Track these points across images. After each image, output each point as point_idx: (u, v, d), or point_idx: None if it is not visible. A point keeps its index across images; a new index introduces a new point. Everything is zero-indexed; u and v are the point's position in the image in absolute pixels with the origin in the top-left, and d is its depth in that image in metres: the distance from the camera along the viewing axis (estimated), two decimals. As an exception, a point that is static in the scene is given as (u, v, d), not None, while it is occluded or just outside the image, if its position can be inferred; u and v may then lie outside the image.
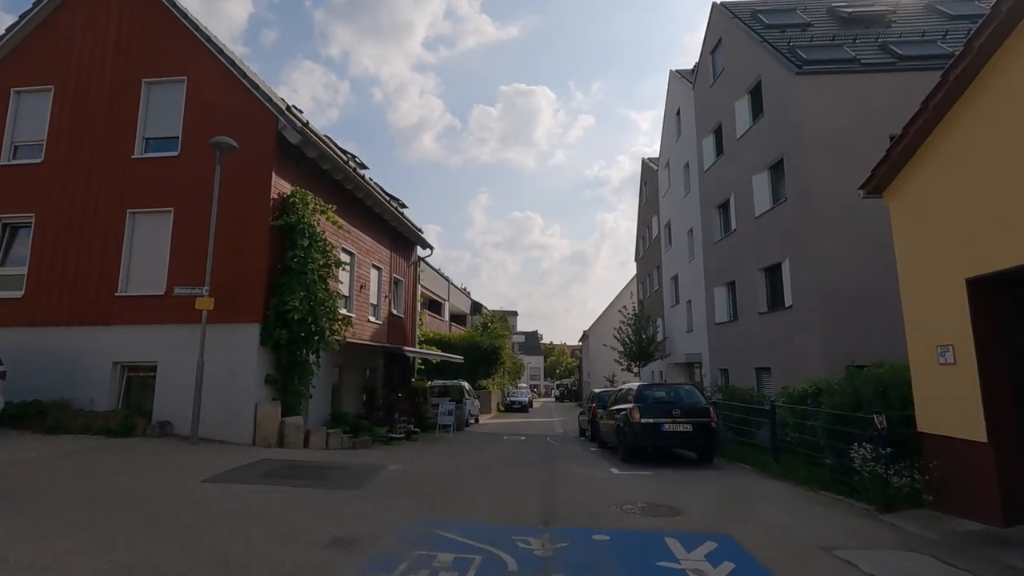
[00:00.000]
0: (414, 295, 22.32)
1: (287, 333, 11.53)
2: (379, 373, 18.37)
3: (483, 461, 11.26)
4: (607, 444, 13.90)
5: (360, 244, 16.71)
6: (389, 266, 19.35)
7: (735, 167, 19.73)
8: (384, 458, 10.82)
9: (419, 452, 12.75)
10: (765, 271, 17.76)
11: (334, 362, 14.99)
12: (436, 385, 24.22)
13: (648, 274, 35.45)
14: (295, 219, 12.00)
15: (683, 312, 26.34)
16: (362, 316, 16.77)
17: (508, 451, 13.85)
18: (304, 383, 12.21)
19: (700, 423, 10.76)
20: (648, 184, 35.89)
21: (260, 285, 11.63)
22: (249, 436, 11.19)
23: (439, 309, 42.09)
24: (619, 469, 10.28)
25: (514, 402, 39.90)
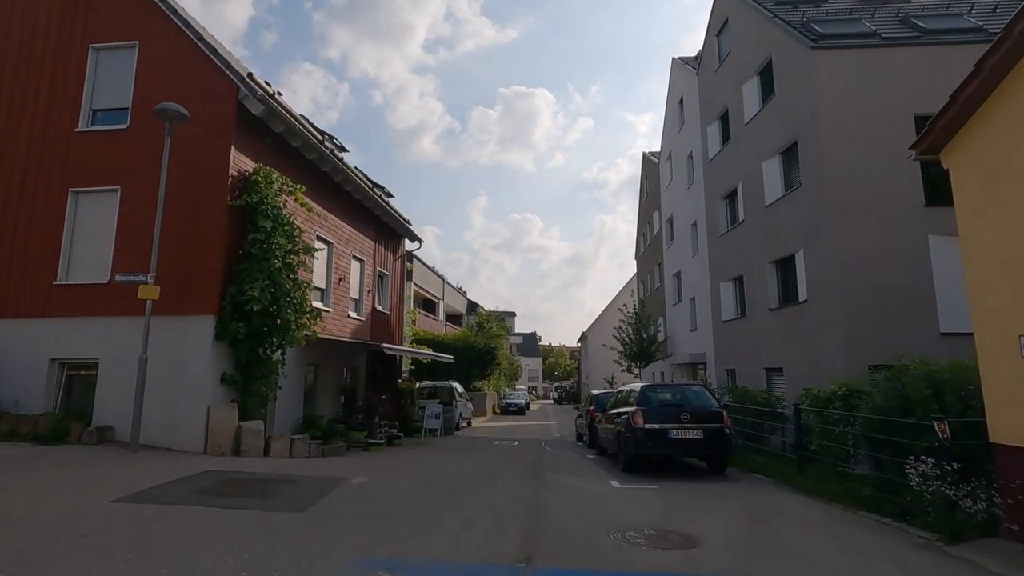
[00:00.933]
0: (401, 291, 21.03)
1: (245, 327, 10.24)
2: (360, 373, 17.06)
3: (465, 471, 9.95)
4: (606, 451, 12.60)
5: (338, 233, 15.41)
6: (373, 259, 18.05)
7: (743, 154, 18.46)
8: (351, 469, 9.51)
9: (395, 460, 11.43)
10: (776, 264, 16.47)
11: (308, 360, 13.69)
12: (425, 386, 22.91)
13: (649, 272, 34.17)
14: (257, 199, 10.71)
15: (686, 310, 25.06)
16: (341, 311, 15.47)
17: (496, 459, 12.54)
18: (267, 383, 10.91)
19: (712, 429, 9.46)
20: (649, 179, 34.64)
21: (216, 272, 10.33)
22: (200, 443, 9.88)
23: (433, 308, 40.79)
24: (619, 481, 8.97)
25: (510, 404, 38.56)
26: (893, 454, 6.23)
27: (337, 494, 7.07)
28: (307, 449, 10.88)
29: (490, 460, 12.22)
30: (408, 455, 12.79)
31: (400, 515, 6.07)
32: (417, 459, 11.99)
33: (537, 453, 14.00)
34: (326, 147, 13.67)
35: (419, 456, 12.65)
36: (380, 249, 18.68)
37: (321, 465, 9.72)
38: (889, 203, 13.29)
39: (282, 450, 10.46)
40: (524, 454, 13.81)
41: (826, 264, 13.66)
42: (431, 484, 8.22)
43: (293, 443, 10.66)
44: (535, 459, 12.52)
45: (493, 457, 12.93)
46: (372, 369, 17.99)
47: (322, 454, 11.28)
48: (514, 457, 13.03)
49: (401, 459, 11.80)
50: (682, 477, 9.62)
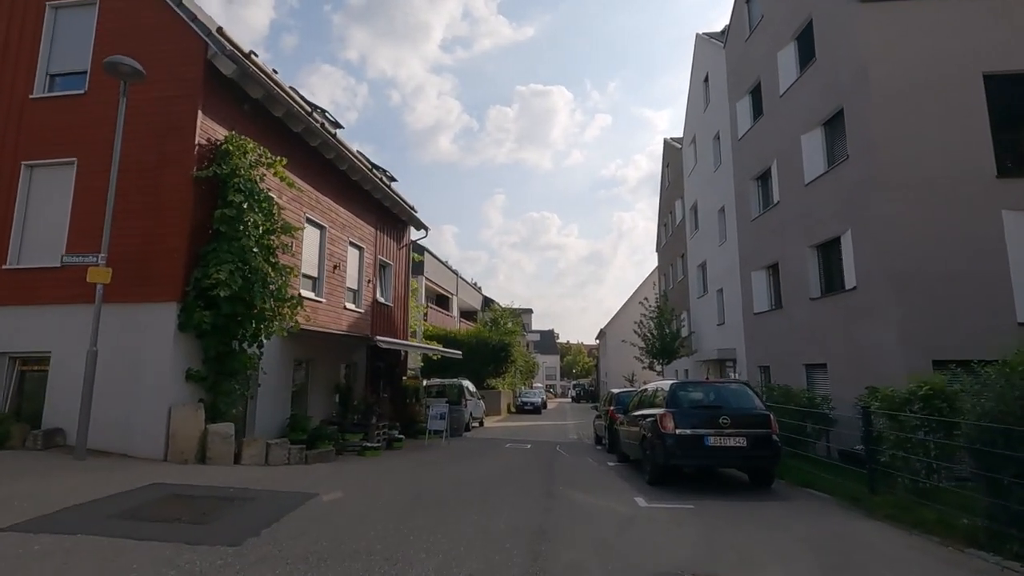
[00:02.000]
0: (406, 282, 19.70)
1: (212, 316, 8.94)
2: (359, 370, 15.75)
3: (465, 483, 8.52)
4: (628, 457, 11.08)
5: (332, 216, 14.10)
6: (374, 247, 16.74)
7: (778, 129, 16.74)
8: (331, 480, 8.15)
9: (388, 468, 10.06)
10: (818, 248, 14.76)
11: (297, 355, 12.41)
12: (433, 384, 21.57)
13: (671, 264, 32.41)
14: (228, 170, 9.40)
15: (712, 303, 23.34)
16: (336, 302, 14.17)
17: (503, 466, 11.11)
18: (242, 381, 9.61)
19: (758, 436, 7.89)
20: (671, 165, 32.86)
21: (179, 253, 9.05)
22: (160, 449, 8.62)
23: (447, 304, 39.56)
24: (646, 499, 7.46)
25: (526, 403, 37.06)
26: (1017, 474, 4.66)
27: (295, 517, 5.70)
28: (286, 455, 9.57)
29: (496, 468, 10.79)
30: (405, 461, 11.42)
31: (363, 551, 4.66)
32: (413, 466, 10.61)
33: (550, 459, 12.53)
34: (315, 120, 12.34)
35: (416, 462, 11.27)
36: (382, 236, 17.36)
37: (298, 475, 8.37)
38: (953, 174, 11.54)
39: (256, 457, 9.15)
40: (536, 460, 12.35)
41: (878, 246, 11.96)
42: (418, 502, 6.81)
43: (269, 448, 9.35)
44: (547, 466, 11.06)
45: (500, 464, 11.49)
46: (373, 366, 16.69)
47: (305, 460, 9.95)
48: (524, 464, 11.58)
49: (395, 466, 10.43)
50: (721, 493, 8.08)
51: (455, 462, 11.44)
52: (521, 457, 13.03)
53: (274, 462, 9.32)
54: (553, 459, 12.56)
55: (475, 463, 11.42)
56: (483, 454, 13.35)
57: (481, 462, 11.63)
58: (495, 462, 11.75)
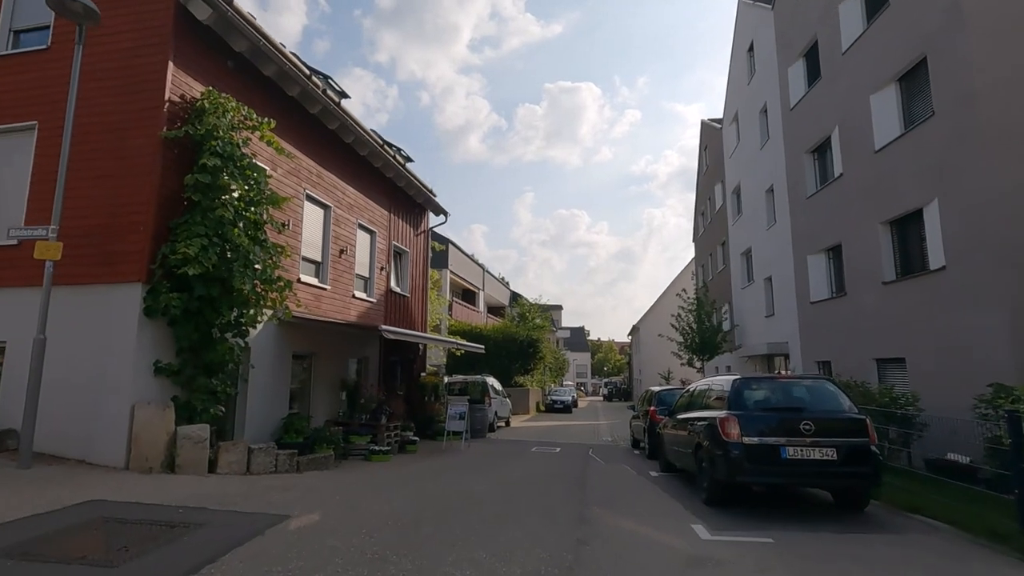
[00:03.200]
0: (425, 271, 18.30)
1: (182, 299, 7.62)
2: (370, 366, 14.40)
3: (476, 501, 6.98)
4: (674, 466, 9.39)
5: (338, 195, 12.75)
6: (387, 231, 15.37)
7: (839, 92, 14.70)
8: (311, 496, 6.71)
9: (389, 479, 8.59)
10: (892, 224, 12.73)
11: (298, 349, 11.09)
12: (455, 381, 20.14)
13: (710, 254, 30.28)
14: (203, 131, 8.07)
15: (759, 293, 21.27)
16: (343, 290, 12.83)
17: (527, 476, 9.54)
18: (223, 376, 8.28)
19: (852, 447, 6.12)
20: (709, 148, 30.70)
21: (146, 226, 7.76)
22: (121, 455, 7.34)
23: (473, 299, 38.23)
24: (708, 528, 5.79)
25: (556, 402, 35.38)
26: None
27: (241, 555, 4.25)
28: (272, 462, 8.20)
29: (518, 478, 9.22)
30: (413, 469, 9.97)
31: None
32: (421, 475, 9.13)
33: (582, 466, 10.90)
34: (314, 83, 10.98)
35: (426, 471, 9.79)
36: (396, 221, 15.98)
37: (277, 489, 6.97)
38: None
39: (235, 464, 7.81)
40: (566, 468, 10.74)
41: (975, 215, 9.95)
42: (411, 530, 5.29)
43: (252, 454, 8.00)
44: (578, 477, 9.44)
45: (523, 473, 9.92)
46: (387, 361, 15.33)
47: (296, 468, 8.57)
48: (552, 473, 9.99)
49: (400, 476, 8.96)
50: (802, 518, 6.33)
51: (471, 470, 9.93)
52: (549, 464, 11.43)
53: (257, 470, 7.97)
54: (586, 467, 10.93)
55: (494, 472, 9.88)
56: (505, 460, 11.80)
57: (501, 470, 10.09)
58: (518, 471, 10.19)
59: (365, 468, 9.68)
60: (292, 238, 10.91)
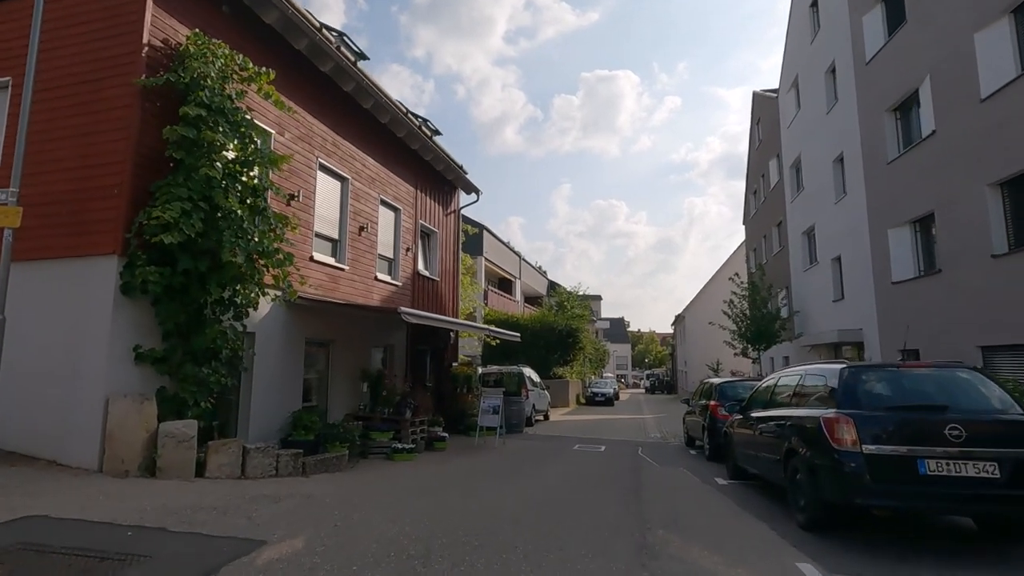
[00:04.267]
0: (456, 254, 17.02)
1: (163, 274, 6.50)
2: (396, 355, 13.23)
3: (507, 519, 5.62)
4: (746, 471, 7.81)
5: (356, 167, 11.56)
6: (414, 209, 14.13)
7: (930, 36, 12.58)
8: (303, 510, 5.48)
9: (407, 486, 7.33)
10: (1003, 186, 10.69)
11: (312, 335, 9.97)
12: (489, 372, 18.85)
13: (763, 236, 28.00)
14: (187, 79, 6.92)
15: (824, 275, 19.15)
16: (363, 271, 11.65)
17: (569, 482, 8.13)
18: (215, 364, 7.16)
19: (1018, 459, 4.46)
20: (762, 121, 28.34)
21: (122, 189, 6.67)
22: (94, 455, 6.30)
23: (509, 288, 36.94)
24: (819, 567, 4.25)
25: (597, 394, 33.75)
26: None
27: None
28: (272, 464, 7.04)
29: (559, 485, 7.81)
30: (438, 471, 8.70)
31: None
32: (445, 481, 7.84)
33: (633, 471, 9.41)
34: (325, 37, 9.75)
35: (451, 474, 8.51)
36: (423, 198, 14.73)
37: (267, 499, 5.78)
38: None
39: (228, 467, 6.68)
40: (614, 472, 9.28)
41: None
42: (418, 567, 3.97)
43: (248, 455, 6.86)
44: (632, 485, 7.96)
45: (565, 478, 8.51)
46: (415, 350, 14.14)
47: (301, 470, 7.40)
48: (597, 478, 8.54)
49: (420, 481, 7.69)
50: (941, 554, 4.72)
51: (504, 475, 8.58)
52: (594, 466, 9.99)
53: (254, 474, 6.82)
54: (637, 470, 9.44)
55: (531, 476, 8.50)
56: (543, 460, 10.42)
57: (540, 475, 8.70)
58: (558, 475, 8.79)
59: (383, 470, 8.47)
60: (303, 211, 9.77)
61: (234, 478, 6.65)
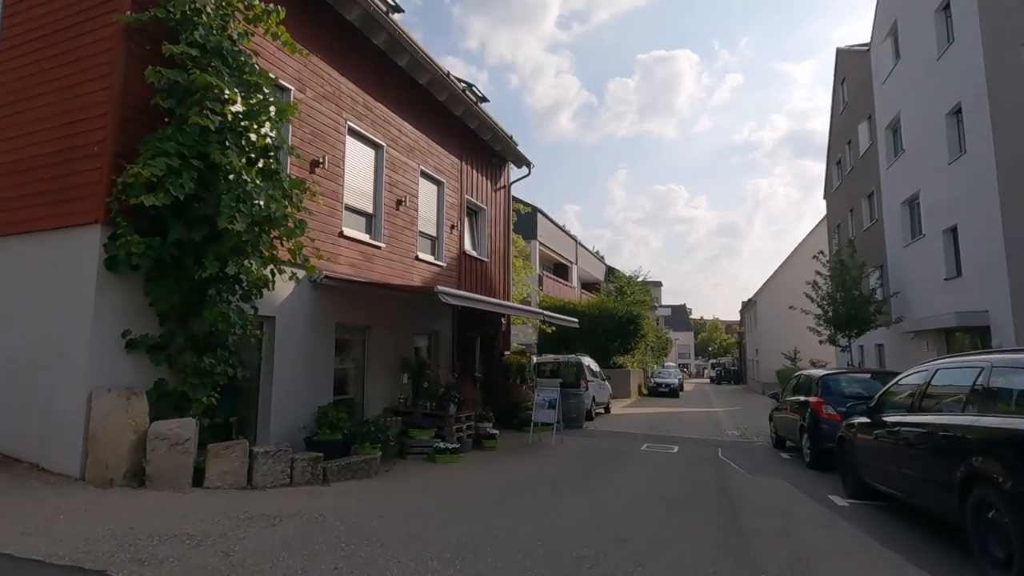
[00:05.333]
0: (506, 233, 15.64)
1: (148, 245, 5.44)
2: (441, 343, 12.03)
3: (565, 561, 4.19)
4: (874, 490, 6.04)
5: (392, 133, 10.34)
6: (458, 183, 12.84)
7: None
8: (298, 544, 4.26)
9: (440, 503, 6.04)
10: None
11: (343, 319, 8.89)
12: (545, 362, 17.44)
13: (850, 210, 25.03)
14: (178, 14, 5.81)
15: (933, 249, 16.46)
16: (402, 249, 10.48)
17: (641, 501, 6.61)
18: (221, 353, 6.10)
19: None
20: (848, 80, 25.26)
21: (103, 147, 5.66)
22: (76, 460, 5.35)
23: (565, 273, 35.38)
24: None
25: (660, 384, 31.65)
26: None
27: None
28: (286, 470, 5.92)
29: (629, 507, 6.31)
30: (485, 479, 7.39)
31: None
32: (492, 493, 6.52)
33: (720, 482, 7.77)
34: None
35: (500, 484, 7.18)
36: (469, 171, 13.41)
37: (268, 518, 4.62)
38: None
39: (232, 475, 5.59)
40: (696, 484, 7.67)
41: None
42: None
43: (256, 460, 5.75)
44: (724, 507, 6.35)
45: (636, 495, 6.98)
46: (462, 337, 12.92)
47: (322, 478, 6.26)
48: (678, 496, 6.96)
49: (457, 496, 6.39)
50: None
51: (562, 486, 7.15)
52: (669, 474, 8.40)
53: (262, 483, 5.72)
54: (724, 481, 7.79)
55: (594, 489, 7.04)
56: (608, 465, 8.91)
57: (604, 486, 7.22)
58: (628, 489, 7.28)
59: (420, 476, 7.23)
60: (330, 180, 8.64)
61: (238, 488, 5.57)
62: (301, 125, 8.08)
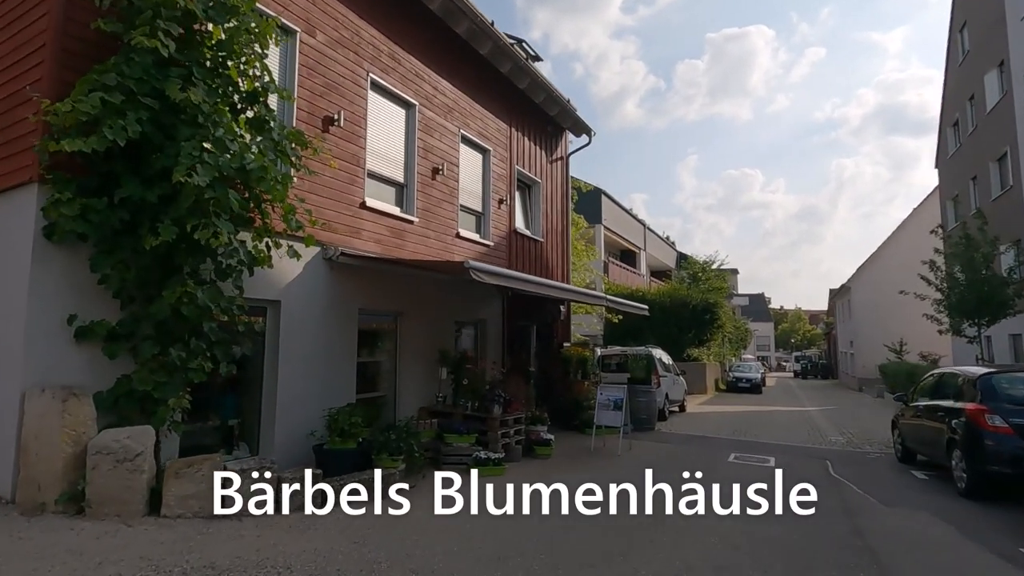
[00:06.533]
0: (565, 210, 13.94)
1: (87, 207, 4.28)
2: (489, 332, 10.57)
3: None
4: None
5: (426, 90, 8.93)
6: (507, 151, 11.31)
7: None
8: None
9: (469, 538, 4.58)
10: None
11: (367, 304, 7.62)
12: (611, 355, 15.62)
13: (973, 177, 21.33)
14: (129, -81, 4.60)
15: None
16: (440, 226, 9.09)
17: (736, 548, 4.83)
18: (195, 343, 4.90)
19: None
20: (970, 26, 21.50)
21: (40, 87, 4.54)
22: (8, 477, 4.28)
23: (633, 260, 33.12)
24: None
25: (740, 379, 28.82)
26: None
27: None
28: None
29: (723, 547, 4.55)
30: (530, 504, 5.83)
31: None
32: (536, 531, 4.97)
33: (847, 521, 5.83)
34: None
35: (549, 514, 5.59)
36: (520, 139, 11.83)
37: (217, 571, 3.31)
38: None
39: (196, 500, 4.36)
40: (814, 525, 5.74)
41: None
42: None
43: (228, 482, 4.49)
44: (871, 571, 4.46)
45: (731, 533, 5.19)
46: (515, 327, 11.41)
47: (320, 502, 4.93)
48: (791, 535, 5.12)
49: (494, 531, 4.89)
50: None
51: (626, 523, 5.46)
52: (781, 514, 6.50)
53: (232, 512, 4.44)
54: (854, 519, 5.84)
55: (672, 528, 5.31)
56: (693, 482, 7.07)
57: (687, 521, 5.47)
58: (719, 526, 5.48)
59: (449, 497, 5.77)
60: (349, 142, 7.35)
61: (204, 517, 4.33)
62: (310, 74, 6.82)
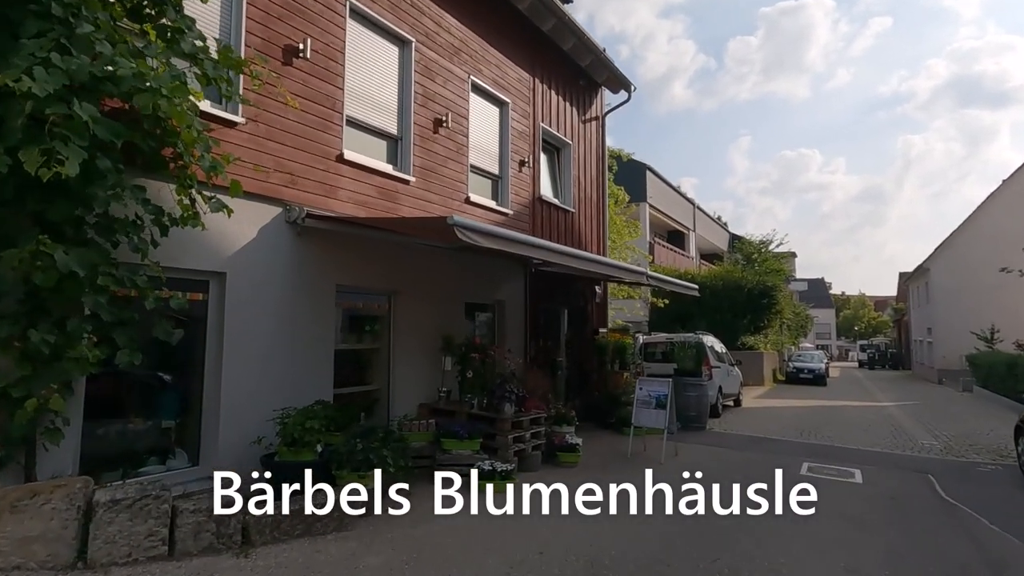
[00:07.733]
0: (600, 178, 12.19)
1: None
2: (508, 316, 9.05)
3: None
4: None
5: (427, 27, 7.43)
6: (530, 106, 9.69)
7: None
8: None
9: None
10: None
11: (349, 281, 6.27)
12: (655, 342, 13.78)
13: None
14: None
15: None
16: (443, 188, 7.61)
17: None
18: (73, 323, 3.62)
19: None
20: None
21: None
22: None
23: (681, 241, 30.85)
24: None
25: (801, 370, 26.19)
26: None
27: None
28: (159, 532, 3.30)
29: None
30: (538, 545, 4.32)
31: None
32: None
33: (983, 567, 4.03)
34: None
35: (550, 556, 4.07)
36: (546, 92, 10.18)
37: None
38: None
39: (44, 543, 3.06)
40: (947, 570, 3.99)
41: None
42: None
43: (96, 514, 3.18)
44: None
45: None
46: (540, 310, 9.86)
47: (241, 540, 3.59)
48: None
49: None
50: None
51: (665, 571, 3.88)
52: (874, 551, 4.75)
53: (106, 557, 3.13)
54: (1004, 571, 4.05)
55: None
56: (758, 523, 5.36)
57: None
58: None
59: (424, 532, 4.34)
60: (321, 79, 5.96)
61: (60, 568, 3.04)
62: (263, -9, 5.44)
